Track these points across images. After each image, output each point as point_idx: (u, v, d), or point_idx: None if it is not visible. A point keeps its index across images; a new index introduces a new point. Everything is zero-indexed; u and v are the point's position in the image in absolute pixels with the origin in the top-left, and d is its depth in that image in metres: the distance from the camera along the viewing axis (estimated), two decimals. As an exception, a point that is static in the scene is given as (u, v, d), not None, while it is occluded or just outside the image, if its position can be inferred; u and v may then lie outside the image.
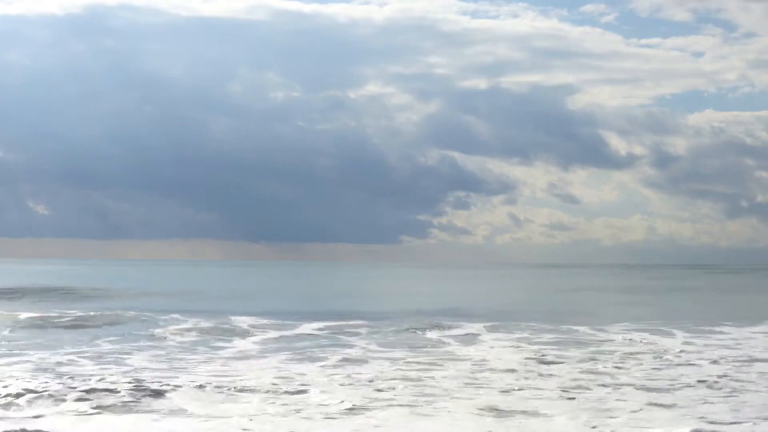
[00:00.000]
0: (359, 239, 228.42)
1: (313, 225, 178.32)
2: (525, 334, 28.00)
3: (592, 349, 23.76)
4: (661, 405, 15.05)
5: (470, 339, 26.60)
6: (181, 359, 20.96)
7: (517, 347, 24.23)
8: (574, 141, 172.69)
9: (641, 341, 25.86)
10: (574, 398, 15.63)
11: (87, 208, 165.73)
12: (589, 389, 16.65)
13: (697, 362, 20.98)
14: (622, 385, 17.21)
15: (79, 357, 20.95)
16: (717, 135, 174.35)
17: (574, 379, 17.86)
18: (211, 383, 16.71)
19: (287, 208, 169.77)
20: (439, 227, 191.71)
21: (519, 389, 16.56)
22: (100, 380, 16.72)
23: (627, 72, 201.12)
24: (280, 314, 35.67)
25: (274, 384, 16.79)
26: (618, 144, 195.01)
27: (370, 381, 17.35)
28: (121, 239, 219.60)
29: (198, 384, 16.59)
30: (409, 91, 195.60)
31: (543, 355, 22.15)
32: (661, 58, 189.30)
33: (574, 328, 30.02)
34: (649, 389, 16.76)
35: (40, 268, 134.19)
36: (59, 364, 19.55)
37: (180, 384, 16.53)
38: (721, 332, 29.28)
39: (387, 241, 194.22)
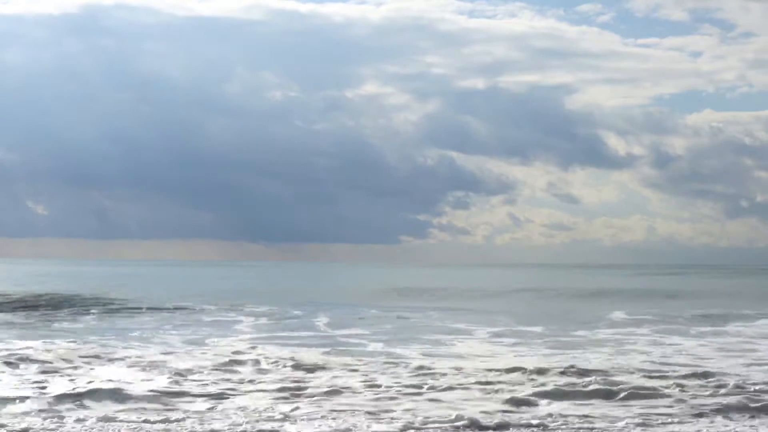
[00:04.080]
0: (359, 239, 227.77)
1: (313, 225, 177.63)
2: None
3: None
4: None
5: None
6: None
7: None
8: (572, 141, 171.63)
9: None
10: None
11: (86, 208, 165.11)
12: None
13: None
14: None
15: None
16: (716, 135, 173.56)
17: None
18: None
19: (286, 208, 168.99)
20: (438, 227, 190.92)
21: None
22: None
23: (625, 72, 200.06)
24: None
25: None
26: (617, 144, 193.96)
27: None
28: (120, 239, 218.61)
29: None
30: (406, 90, 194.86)
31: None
32: (659, 58, 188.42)
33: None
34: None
35: (57, 269, 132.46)
36: None
37: None
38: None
39: (387, 241, 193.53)
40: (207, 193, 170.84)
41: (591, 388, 16.09)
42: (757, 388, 16.31)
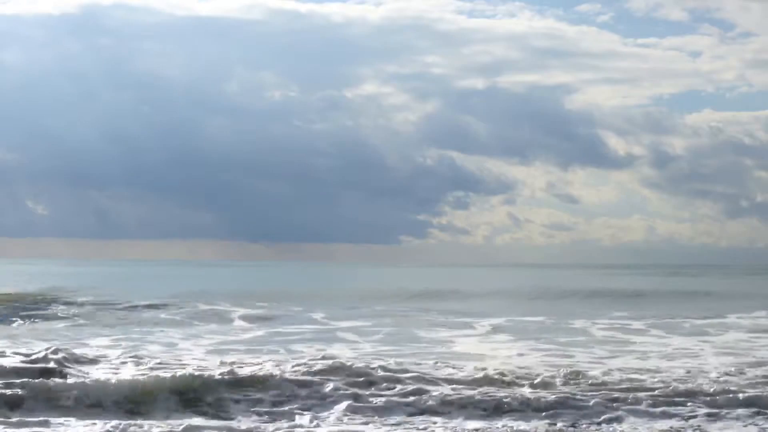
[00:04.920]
0: (358, 239, 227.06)
1: (312, 225, 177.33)
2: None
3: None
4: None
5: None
6: None
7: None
8: (572, 141, 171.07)
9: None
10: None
11: (86, 208, 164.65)
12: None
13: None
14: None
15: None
16: (715, 135, 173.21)
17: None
18: None
19: (286, 208, 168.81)
20: (438, 227, 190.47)
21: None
22: None
23: (624, 72, 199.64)
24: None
25: None
26: (616, 144, 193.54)
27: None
28: (120, 239, 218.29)
29: None
30: (406, 90, 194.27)
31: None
32: (658, 58, 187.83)
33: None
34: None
35: (57, 269, 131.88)
36: None
37: None
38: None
39: (387, 242, 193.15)
40: (207, 193, 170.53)
41: (589, 386, 16.08)
42: (755, 385, 16.30)
